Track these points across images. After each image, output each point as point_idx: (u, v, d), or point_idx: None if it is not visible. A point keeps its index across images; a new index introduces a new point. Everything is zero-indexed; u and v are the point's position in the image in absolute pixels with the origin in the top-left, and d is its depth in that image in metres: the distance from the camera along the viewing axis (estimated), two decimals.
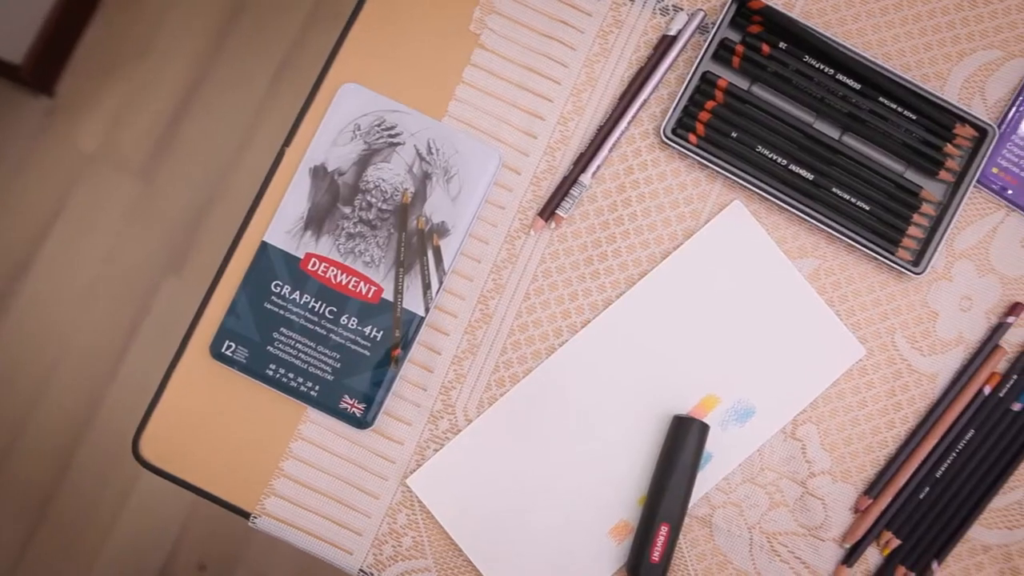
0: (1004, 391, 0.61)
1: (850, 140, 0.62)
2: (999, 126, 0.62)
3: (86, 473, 1.26)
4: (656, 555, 0.58)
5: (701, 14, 0.61)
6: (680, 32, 0.61)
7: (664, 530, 0.58)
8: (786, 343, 0.61)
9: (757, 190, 0.60)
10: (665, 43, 0.61)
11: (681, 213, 0.61)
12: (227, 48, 1.19)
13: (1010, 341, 0.62)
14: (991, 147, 0.61)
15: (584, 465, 0.59)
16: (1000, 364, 0.61)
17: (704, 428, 0.59)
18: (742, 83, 0.62)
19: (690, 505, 0.60)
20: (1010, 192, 0.62)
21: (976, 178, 0.61)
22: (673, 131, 0.60)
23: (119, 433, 1.26)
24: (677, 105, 0.60)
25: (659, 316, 0.60)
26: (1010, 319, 0.61)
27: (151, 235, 1.24)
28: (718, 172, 0.61)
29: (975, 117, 0.60)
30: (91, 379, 1.27)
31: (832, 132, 0.62)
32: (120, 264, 1.25)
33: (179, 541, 1.24)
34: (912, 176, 0.62)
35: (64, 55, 1.28)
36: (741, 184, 0.60)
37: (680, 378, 0.60)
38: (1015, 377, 0.61)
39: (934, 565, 0.60)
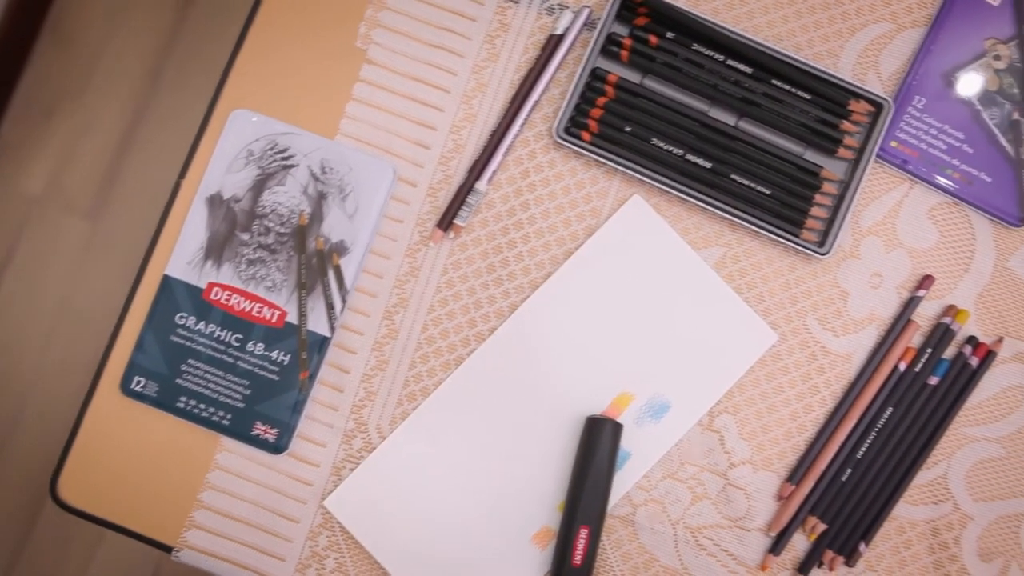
0: (920, 366, 0.60)
1: (747, 125, 0.61)
2: (895, 99, 0.61)
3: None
4: (578, 559, 0.57)
5: (587, 11, 0.61)
6: (567, 30, 0.61)
7: (584, 533, 0.57)
8: (697, 334, 0.60)
9: (655, 183, 0.60)
10: (552, 42, 0.61)
11: (581, 212, 0.61)
12: (162, 83, 1.19)
13: (923, 315, 0.61)
14: (888, 121, 0.60)
15: (502, 473, 0.59)
16: (914, 339, 0.61)
17: (617, 427, 0.58)
18: (634, 77, 0.61)
19: (611, 505, 0.59)
20: (911, 165, 0.61)
21: (875, 153, 0.60)
22: (566, 130, 0.60)
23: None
24: (568, 104, 0.60)
25: (566, 318, 0.60)
26: (920, 292, 0.61)
27: (103, 275, 1.24)
28: (615, 168, 0.60)
29: (870, 92, 0.60)
30: (56, 426, 1.27)
31: (728, 118, 0.61)
32: (74, 307, 1.25)
33: None
34: (812, 157, 0.61)
35: (2, 99, 1.29)
36: (639, 178, 0.60)
37: (593, 378, 0.60)
38: (930, 351, 0.60)
39: (861, 547, 0.59)
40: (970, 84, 0.61)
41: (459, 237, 0.60)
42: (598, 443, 0.58)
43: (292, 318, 0.59)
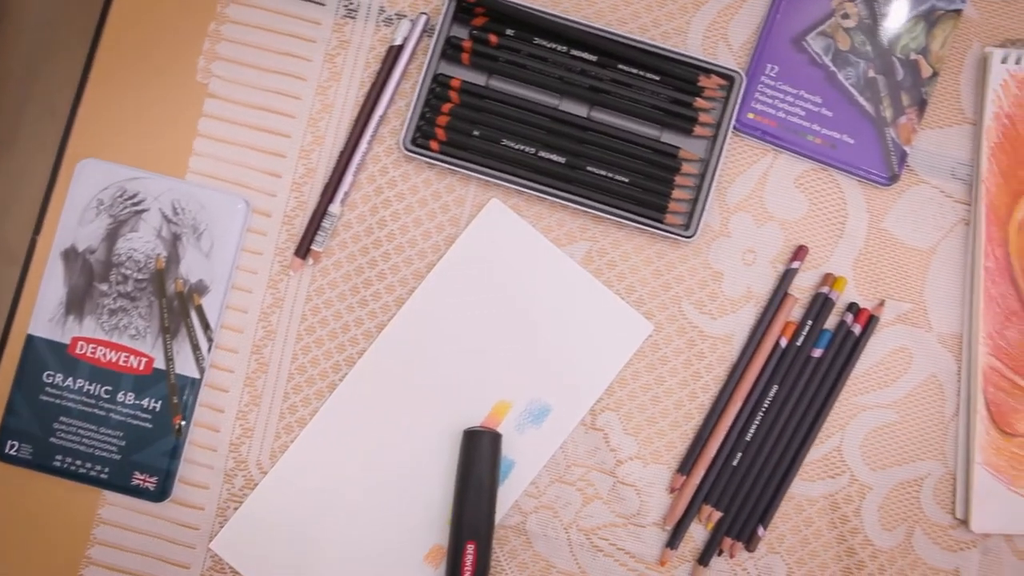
0: (801, 339, 0.59)
1: (599, 114, 0.60)
2: (747, 70, 0.60)
3: None
4: (467, 575, 0.56)
5: (424, 18, 0.60)
6: (406, 40, 0.60)
7: (471, 548, 0.56)
8: (571, 333, 0.59)
9: (511, 184, 0.58)
10: (392, 54, 0.60)
11: (440, 223, 0.60)
12: (13, 138, 1.18)
13: (800, 287, 0.60)
14: (741, 93, 0.59)
15: (388, 495, 0.58)
16: (794, 312, 0.59)
17: (496, 437, 0.57)
18: (479, 78, 0.60)
19: (500, 516, 0.58)
20: (771, 134, 0.60)
21: (731, 127, 0.59)
22: (413, 141, 0.59)
23: None
24: (412, 114, 0.59)
25: (436, 331, 0.59)
26: (795, 264, 0.59)
27: None
28: (468, 174, 0.59)
29: (719, 66, 0.58)
30: None
31: (579, 110, 0.60)
32: None
33: None
34: (669, 138, 0.60)
35: None
36: (494, 182, 0.59)
37: (469, 389, 0.59)
38: (810, 323, 0.59)
39: (760, 530, 0.58)
40: (821, 46, 0.59)
41: (319, 263, 0.59)
42: (477, 455, 0.57)
43: (160, 363, 0.58)
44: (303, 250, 0.59)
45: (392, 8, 0.60)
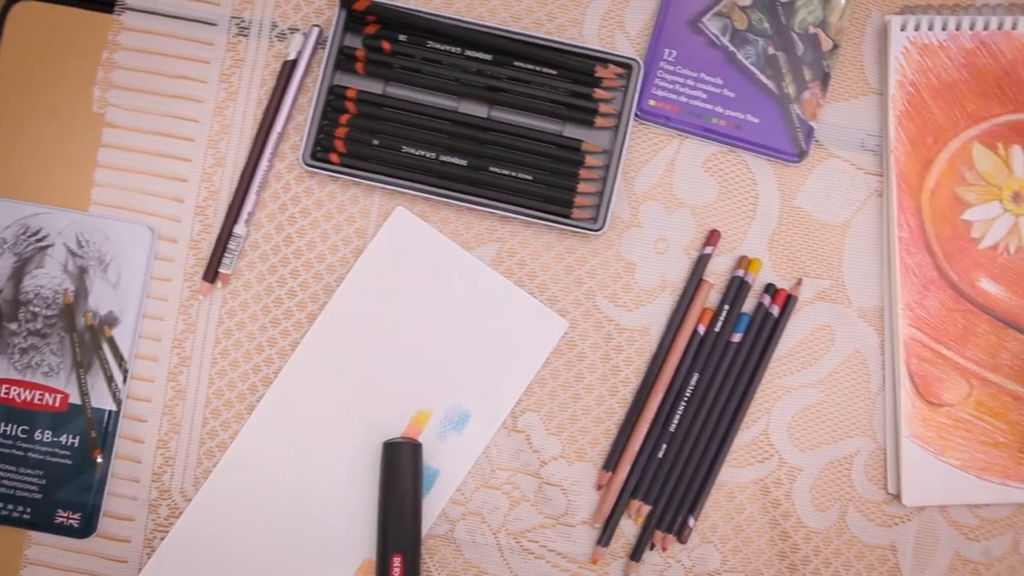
0: (720, 325, 0.58)
1: (500, 113, 0.59)
2: (645, 57, 0.59)
3: None
4: None
5: (316, 30, 0.59)
6: (299, 54, 0.59)
7: (398, 561, 0.56)
8: (486, 337, 0.58)
9: (415, 191, 0.58)
10: (287, 69, 0.59)
11: (347, 235, 0.59)
12: None
13: (716, 271, 0.59)
14: (639, 81, 0.58)
15: (315, 512, 0.58)
16: (711, 298, 0.59)
17: (416, 447, 0.57)
18: (376, 87, 0.59)
19: (427, 526, 0.58)
20: (674, 120, 0.59)
21: (632, 115, 0.58)
22: (313, 155, 0.58)
23: None
24: (310, 128, 0.58)
25: (351, 344, 0.58)
26: (708, 249, 0.58)
27: None
28: (372, 184, 0.58)
29: (615, 55, 0.58)
30: None
31: (479, 110, 0.59)
32: None
33: None
34: (572, 132, 0.59)
35: None
36: (398, 190, 0.58)
37: (388, 401, 0.58)
38: (727, 308, 0.58)
39: (691, 521, 0.57)
40: (718, 27, 0.59)
41: (228, 285, 0.59)
42: (398, 467, 0.56)
43: (75, 399, 0.58)
44: (211, 274, 0.58)
45: (284, 23, 0.60)
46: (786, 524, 0.58)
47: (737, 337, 0.58)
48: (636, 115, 0.59)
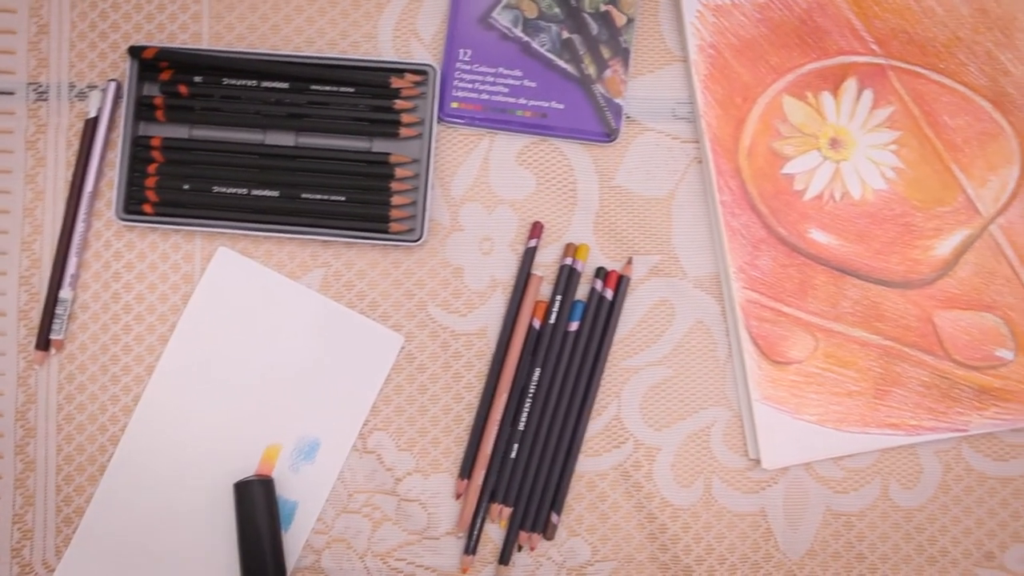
0: (554, 317, 0.57)
1: (308, 139, 0.59)
2: (441, 61, 0.58)
3: None
4: None
5: (113, 84, 0.59)
6: (100, 110, 0.59)
7: None
8: (325, 363, 0.58)
9: (233, 230, 0.57)
10: (90, 127, 0.59)
11: (174, 283, 0.59)
12: None
13: (544, 264, 0.58)
14: (437, 85, 0.57)
15: (179, 561, 0.57)
16: (543, 290, 0.58)
17: (266, 483, 0.56)
18: (181, 132, 0.59)
19: (292, 560, 0.57)
20: (479, 119, 0.58)
21: (435, 120, 0.57)
22: (127, 209, 0.58)
23: None
24: (119, 183, 0.58)
25: (193, 390, 0.58)
26: (533, 242, 0.58)
27: None
28: (190, 229, 0.58)
29: (409, 63, 0.57)
30: None
31: (286, 139, 0.59)
32: None
33: None
34: (382, 146, 0.58)
35: None
36: (217, 230, 0.58)
37: (237, 441, 0.58)
38: (559, 298, 0.57)
39: (553, 517, 0.57)
40: (509, 19, 0.58)
41: (63, 350, 0.59)
42: (252, 506, 0.56)
43: None
44: (43, 341, 0.58)
45: (81, 81, 0.59)
46: (651, 506, 0.57)
47: (574, 326, 0.57)
48: (440, 119, 0.58)
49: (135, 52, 0.57)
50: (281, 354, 0.58)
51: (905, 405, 0.57)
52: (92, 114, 0.59)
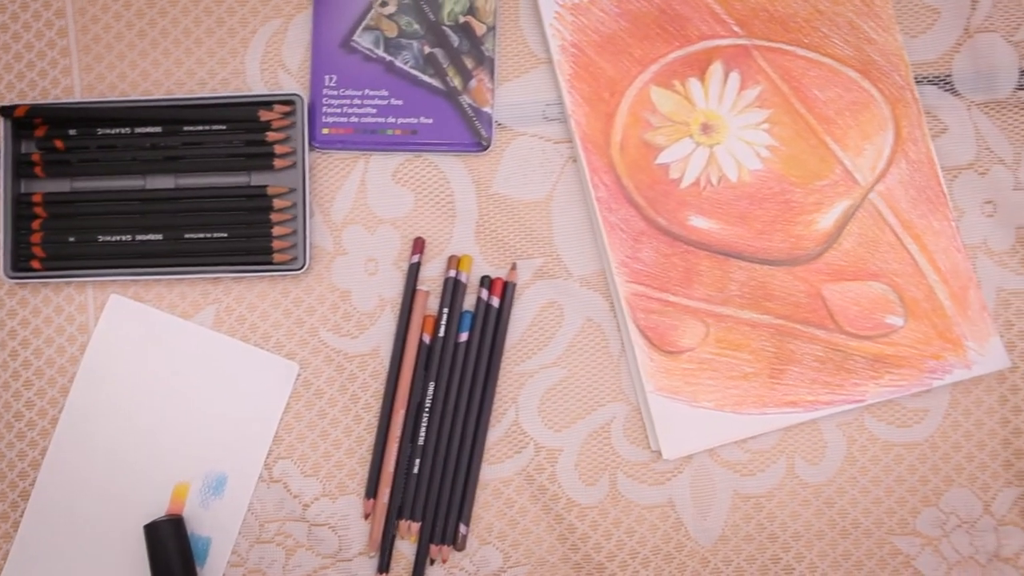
0: (443, 330, 0.58)
1: (187, 180, 0.59)
2: (311, 89, 0.59)
3: None
4: None
5: None
6: None
7: None
8: (225, 398, 0.58)
9: (122, 277, 0.58)
10: None
11: (71, 334, 0.59)
12: None
13: (430, 278, 0.59)
14: (305, 113, 0.58)
15: None
16: (431, 305, 0.59)
17: (175, 522, 0.57)
18: (63, 185, 0.60)
19: None
20: (351, 142, 0.59)
21: (308, 148, 0.58)
22: (15, 267, 0.59)
23: None
24: (4, 241, 0.59)
25: (99, 438, 0.59)
26: (415, 258, 0.58)
27: None
28: (81, 280, 0.59)
29: (276, 95, 0.58)
30: None
31: (167, 182, 0.59)
32: None
33: None
34: (260, 179, 0.59)
35: None
36: (107, 279, 0.58)
37: (147, 484, 0.58)
38: (446, 311, 0.58)
39: (462, 528, 0.57)
40: (371, 41, 0.59)
41: None
42: (163, 547, 0.56)
43: None
44: None
45: None
46: (558, 507, 0.58)
47: (464, 337, 0.58)
48: (313, 146, 0.59)
49: (6, 112, 0.58)
50: (181, 393, 0.59)
51: (801, 382, 0.57)
52: None
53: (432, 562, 0.57)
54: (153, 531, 0.57)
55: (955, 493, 0.57)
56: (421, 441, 0.57)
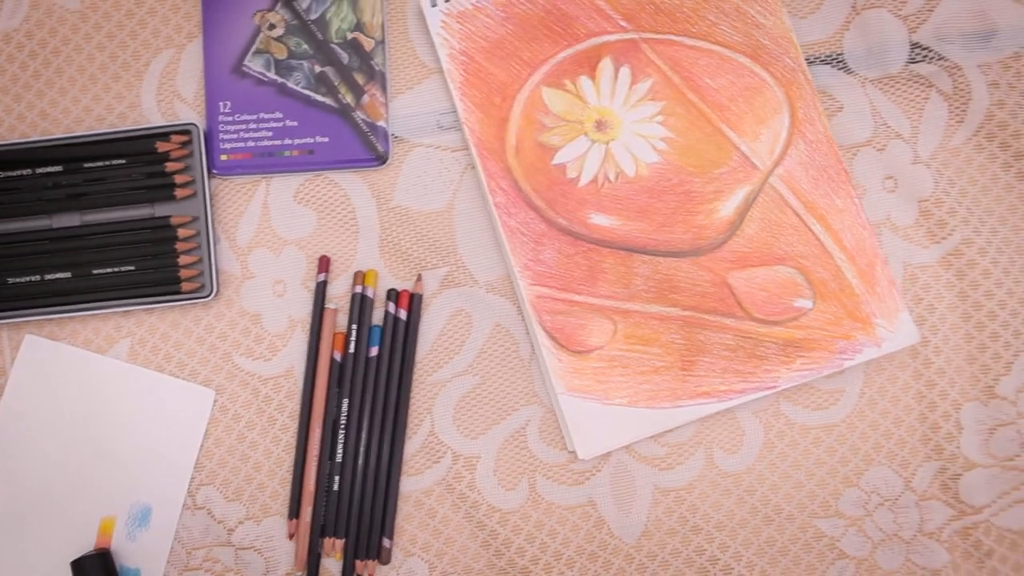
0: (353, 346, 0.58)
1: (93, 216, 0.60)
2: (206, 116, 0.59)
3: None
4: None
5: None
6: None
7: None
8: (144, 429, 0.59)
9: (35, 316, 0.59)
10: None
11: None
12: None
13: (338, 295, 0.59)
14: (202, 141, 0.58)
15: None
16: (340, 322, 0.59)
17: (102, 556, 0.57)
18: None
19: None
20: (250, 166, 0.59)
21: (207, 175, 0.58)
22: None
23: None
24: None
25: (23, 479, 0.59)
26: (322, 276, 0.59)
27: None
28: None
29: (171, 125, 0.58)
30: None
31: (73, 220, 0.60)
32: None
33: None
34: (164, 209, 0.59)
35: None
36: (19, 321, 0.59)
37: (73, 521, 0.59)
38: (355, 327, 0.58)
39: (385, 542, 0.57)
40: (261, 64, 0.59)
41: None
42: None
43: None
44: None
45: None
46: (479, 514, 0.58)
47: (375, 351, 0.58)
48: (213, 173, 0.59)
49: None
50: (102, 427, 0.59)
51: (713, 372, 0.57)
52: None
53: None
54: (80, 567, 0.57)
55: (875, 472, 0.57)
56: (339, 458, 0.58)
